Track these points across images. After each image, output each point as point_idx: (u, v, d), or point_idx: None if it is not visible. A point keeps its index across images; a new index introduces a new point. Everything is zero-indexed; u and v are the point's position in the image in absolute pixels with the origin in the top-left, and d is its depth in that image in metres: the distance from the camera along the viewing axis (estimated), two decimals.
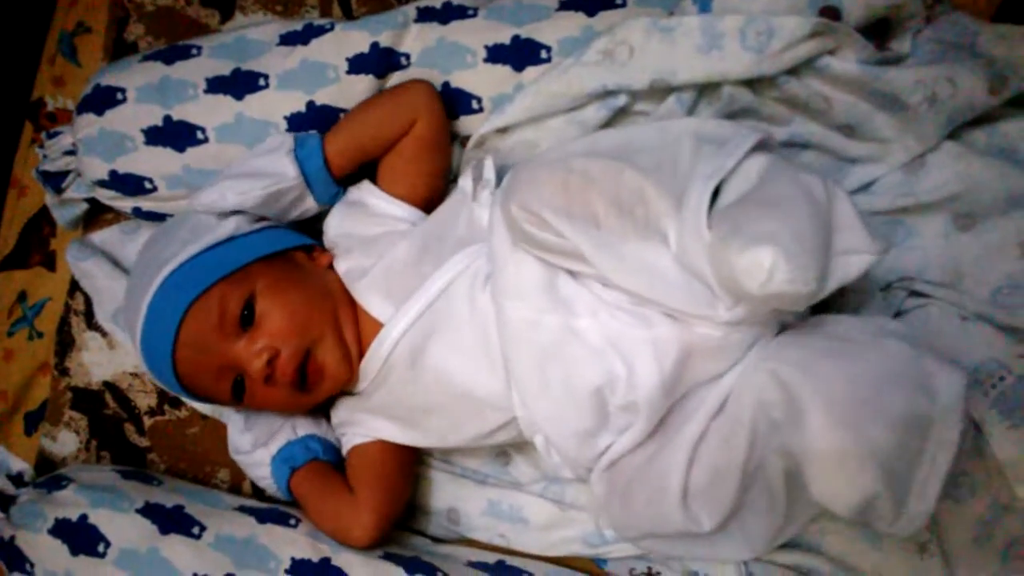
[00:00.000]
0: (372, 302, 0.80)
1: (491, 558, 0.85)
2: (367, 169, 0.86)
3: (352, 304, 0.82)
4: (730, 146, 0.65)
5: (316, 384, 0.79)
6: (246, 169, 0.82)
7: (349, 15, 0.99)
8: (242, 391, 0.78)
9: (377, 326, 0.79)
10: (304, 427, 0.86)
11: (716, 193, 0.63)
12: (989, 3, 0.84)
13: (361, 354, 0.80)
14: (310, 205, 0.85)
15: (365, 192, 0.85)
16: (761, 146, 0.66)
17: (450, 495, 0.89)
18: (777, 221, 0.57)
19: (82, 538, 0.82)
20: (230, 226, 0.81)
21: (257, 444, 0.86)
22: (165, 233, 0.83)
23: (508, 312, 0.71)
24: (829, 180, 0.62)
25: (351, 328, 0.81)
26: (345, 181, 0.86)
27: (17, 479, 0.92)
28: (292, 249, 0.83)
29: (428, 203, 0.85)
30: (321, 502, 0.82)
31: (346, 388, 0.83)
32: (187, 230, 0.81)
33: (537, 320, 0.70)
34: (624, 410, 0.70)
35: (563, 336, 0.70)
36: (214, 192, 0.81)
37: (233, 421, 0.88)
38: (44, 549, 0.83)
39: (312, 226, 0.89)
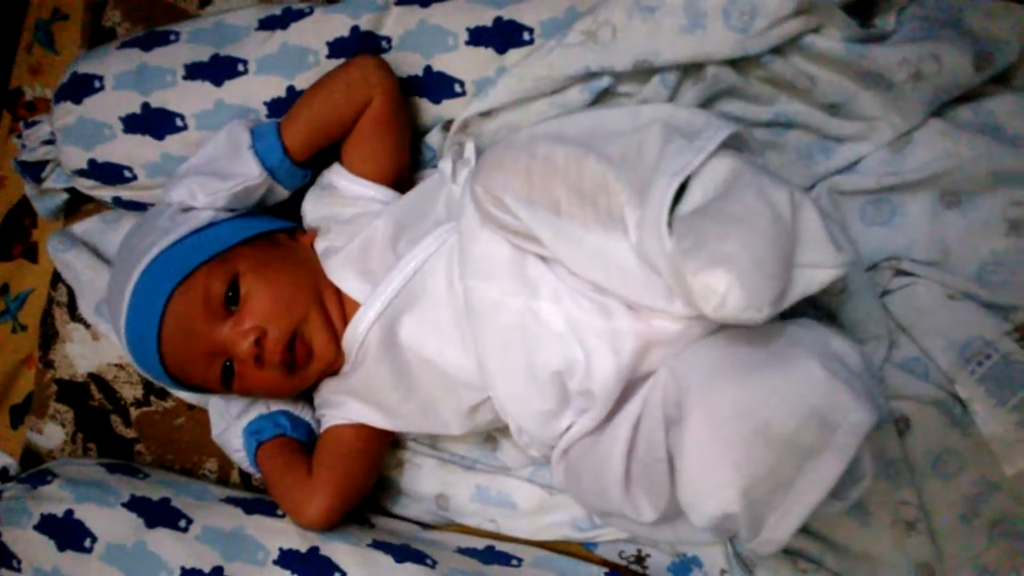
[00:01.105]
0: (348, 281, 0.80)
1: (480, 544, 0.85)
2: (335, 148, 0.85)
3: (336, 288, 0.81)
4: (700, 140, 0.62)
5: (305, 364, 0.79)
6: (210, 168, 0.81)
7: None
8: (231, 376, 0.78)
9: (355, 305, 0.79)
10: (277, 404, 0.86)
11: (683, 187, 0.61)
12: None
13: (344, 326, 0.80)
14: (281, 193, 0.84)
15: (335, 175, 0.84)
16: (733, 140, 0.64)
17: (438, 481, 0.89)
18: (737, 242, 0.55)
19: (68, 534, 0.82)
20: (208, 214, 0.80)
21: (232, 418, 0.86)
22: (145, 223, 0.82)
23: (474, 291, 0.71)
24: (797, 190, 0.59)
25: (336, 307, 0.80)
26: (313, 162, 0.85)
27: (2, 474, 0.92)
28: (274, 231, 0.83)
29: (396, 179, 0.84)
30: (279, 477, 0.82)
31: (331, 368, 0.83)
32: (167, 218, 0.80)
33: (501, 301, 0.70)
34: (581, 395, 0.70)
35: (526, 318, 0.69)
36: (182, 189, 0.80)
37: (214, 403, 0.89)
38: (31, 545, 0.83)
39: (294, 208, 0.88)
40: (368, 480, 0.84)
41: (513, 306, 0.70)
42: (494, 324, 0.71)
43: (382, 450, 0.86)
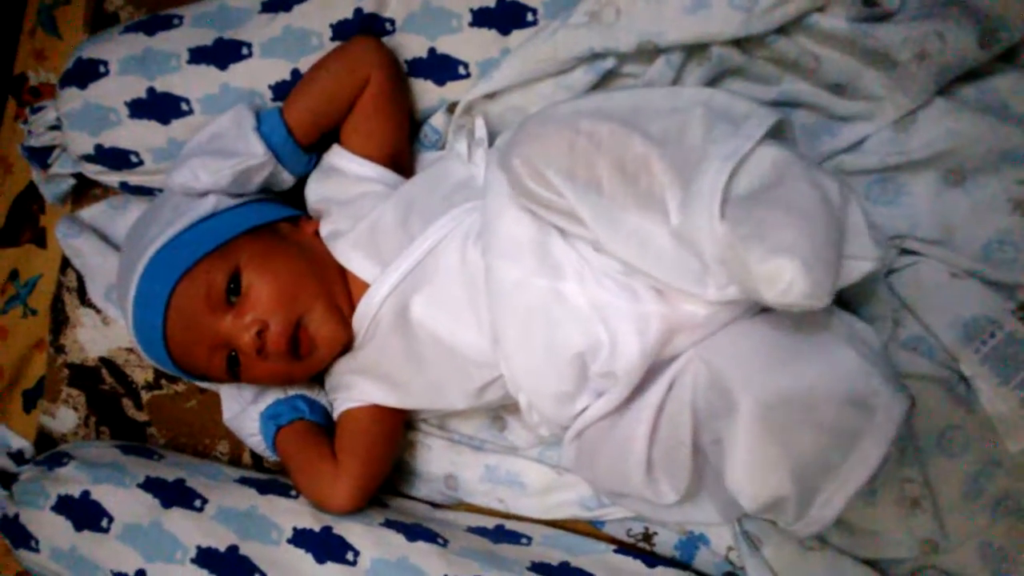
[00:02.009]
0: (356, 262, 0.80)
1: (490, 523, 0.86)
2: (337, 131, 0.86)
3: (342, 273, 0.82)
4: (747, 127, 0.63)
5: (310, 353, 0.79)
6: (213, 146, 0.81)
7: None
8: (237, 367, 0.78)
9: (363, 286, 0.79)
10: (294, 388, 0.87)
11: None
12: None
13: (352, 312, 0.81)
14: (286, 178, 0.84)
15: (335, 156, 0.84)
16: (775, 127, 0.65)
17: (447, 462, 0.90)
18: (799, 232, 0.57)
19: (85, 514, 0.83)
20: (210, 204, 0.80)
21: (246, 403, 0.87)
22: (148, 215, 0.83)
23: (497, 271, 0.71)
24: (844, 184, 0.62)
25: (342, 292, 0.81)
26: (316, 146, 0.85)
27: (18, 456, 0.93)
28: (277, 221, 0.83)
29: (396, 159, 0.85)
30: (302, 462, 0.83)
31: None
32: (169, 209, 0.80)
33: (525, 281, 0.70)
34: (603, 377, 0.71)
35: (549, 299, 0.70)
36: (185, 171, 0.80)
37: (226, 387, 0.89)
38: (48, 526, 0.84)
39: (297, 195, 0.88)
40: (389, 462, 0.86)
41: (537, 287, 0.70)
42: (516, 304, 0.71)
43: (399, 431, 0.87)
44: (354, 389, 0.84)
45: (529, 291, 0.70)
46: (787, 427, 0.60)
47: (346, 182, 0.83)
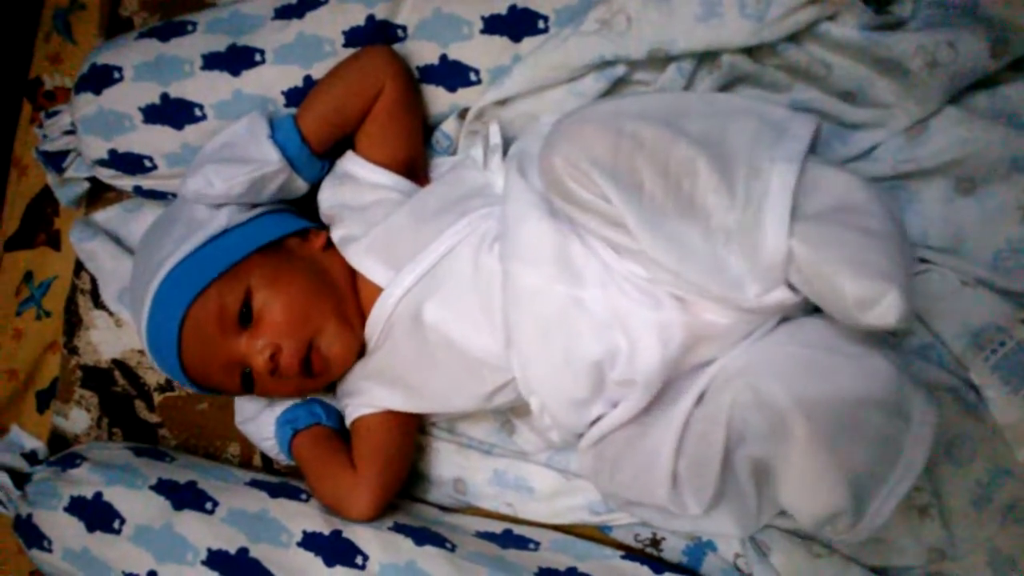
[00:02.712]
0: (370, 267, 0.81)
1: (498, 527, 0.86)
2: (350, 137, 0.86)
3: (351, 281, 0.82)
4: (793, 129, 0.66)
5: (323, 371, 0.80)
6: (227, 154, 0.82)
7: None
8: (251, 383, 0.80)
9: (376, 290, 0.80)
10: (310, 393, 0.88)
11: None
12: None
13: (366, 314, 0.81)
14: (299, 185, 0.85)
15: (349, 163, 0.85)
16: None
17: (456, 465, 0.90)
18: (889, 258, 0.60)
19: (98, 515, 0.84)
20: (223, 219, 0.80)
21: (262, 406, 0.88)
22: (160, 228, 0.83)
23: (516, 277, 0.72)
24: (895, 199, 0.66)
25: (352, 306, 0.81)
26: (330, 153, 0.86)
27: (31, 457, 0.94)
28: (287, 236, 0.83)
29: (409, 166, 0.85)
30: (320, 469, 0.84)
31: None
32: (182, 225, 0.81)
33: (545, 288, 0.71)
34: (620, 385, 0.71)
35: (569, 306, 0.70)
36: (199, 178, 0.80)
37: None
38: (61, 527, 0.85)
39: (307, 201, 0.89)
40: (406, 469, 0.86)
41: (557, 293, 0.70)
42: (534, 311, 0.72)
43: (413, 437, 0.88)
44: (367, 395, 0.84)
45: (548, 297, 0.71)
46: (839, 444, 0.62)
47: (360, 189, 0.84)
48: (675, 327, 0.68)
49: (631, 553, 0.84)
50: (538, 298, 0.71)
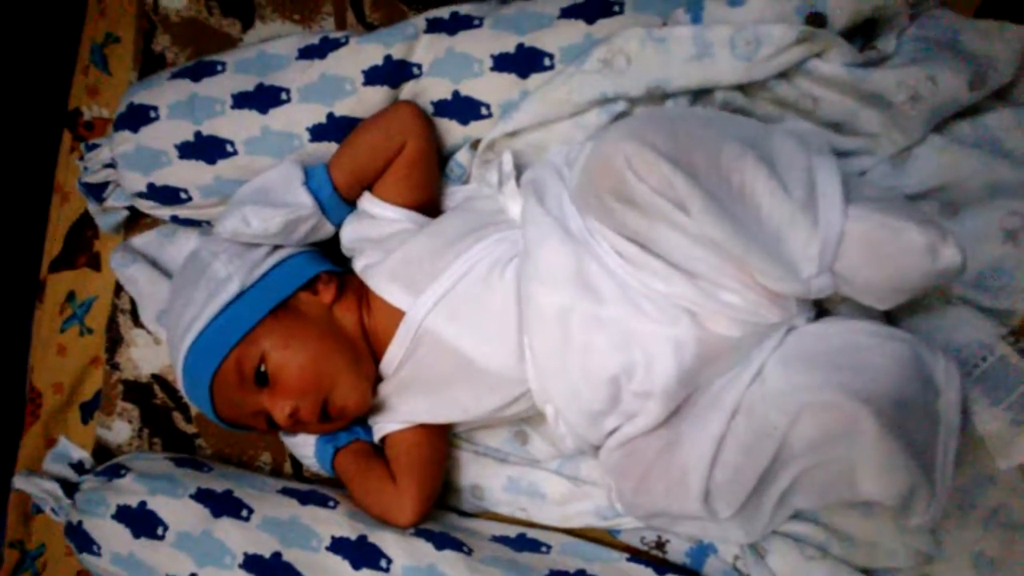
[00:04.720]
0: (390, 292, 0.86)
1: (512, 531, 0.91)
2: None
3: (361, 328, 0.88)
4: (813, 140, 0.72)
5: (341, 417, 0.87)
6: (263, 197, 0.87)
7: (363, 21, 1.03)
8: (277, 425, 0.87)
9: (397, 314, 0.85)
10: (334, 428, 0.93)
11: None
12: None
13: (384, 344, 0.87)
14: (328, 229, 0.91)
15: (367, 203, 0.90)
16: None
17: (474, 473, 0.95)
18: (933, 221, 0.67)
19: (142, 523, 0.90)
20: (236, 283, 0.85)
21: None
22: (184, 290, 0.88)
23: (536, 298, 0.77)
24: None
25: (365, 355, 0.87)
26: (355, 199, 0.91)
27: (78, 467, 0.99)
28: (297, 291, 0.87)
29: (423, 206, 0.91)
30: (364, 483, 0.90)
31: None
32: (202, 290, 0.86)
33: (565, 307, 0.75)
34: (638, 396, 0.76)
35: (588, 324, 0.75)
36: (235, 218, 0.86)
37: None
38: (109, 533, 0.91)
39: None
40: (440, 473, 0.92)
41: (578, 312, 0.75)
42: (554, 328, 0.76)
43: (444, 443, 0.93)
44: (393, 411, 0.90)
45: (569, 317, 0.75)
46: (900, 426, 0.68)
47: (378, 223, 0.89)
48: (689, 342, 0.73)
49: (637, 555, 0.88)
50: (559, 317, 0.76)
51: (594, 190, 0.72)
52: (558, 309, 0.76)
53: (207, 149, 0.93)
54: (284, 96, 0.92)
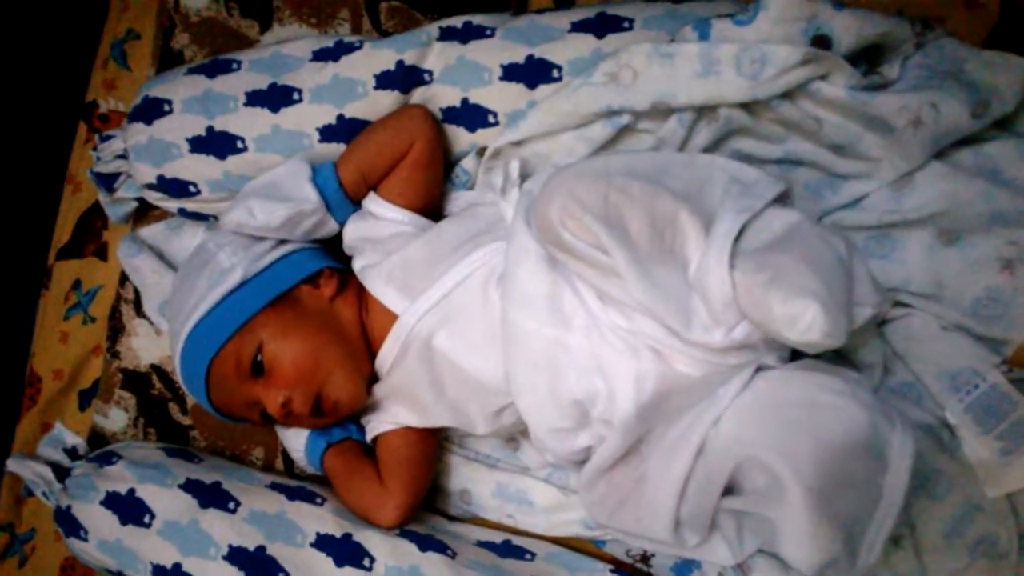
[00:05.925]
0: (385, 294, 0.87)
1: (498, 537, 0.91)
2: None
3: (359, 324, 0.89)
4: (757, 189, 0.71)
5: (333, 412, 0.87)
6: (269, 191, 0.88)
7: (379, 27, 1.05)
8: (271, 417, 0.87)
9: (391, 317, 0.86)
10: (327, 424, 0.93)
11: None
12: (983, 27, 0.87)
13: (379, 344, 0.87)
14: (332, 226, 0.92)
15: (371, 203, 0.91)
16: (782, 196, 0.73)
17: (463, 477, 0.96)
18: (816, 277, 0.64)
19: (130, 510, 0.90)
20: (239, 272, 0.86)
21: None
22: (188, 279, 0.90)
23: (511, 316, 0.78)
24: (848, 239, 0.70)
25: (361, 351, 0.88)
26: (360, 199, 0.93)
27: (72, 452, 1.00)
28: (299, 283, 0.88)
29: (426, 208, 0.92)
30: (350, 481, 0.90)
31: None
32: (205, 279, 0.87)
33: (536, 330, 0.76)
34: (602, 423, 0.77)
35: (556, 348, 0.76)
36: (241, 210, 0.87)
37: None
38: (97, 519, 0.91)
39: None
40: (428, 476, 0.92)
41: (545, 336, 0.76)
42: (525, 347, 0.77)
43: (433, 447, 0.93)
44: (385, 412, 0.91)
45: (538, 340, 0.76)
46: (829, 499, 0.68)
47: (380, 224, 0.91)
48: (650, 376, 0.73)
49: (621, 568, 0.88)
50: (529, 339, 0.77)
51: (543, 239, 0.73)
52: (529, 331, 0.77)
53: (218, 144, 0.95)
54: (296, 96, 0.93)
